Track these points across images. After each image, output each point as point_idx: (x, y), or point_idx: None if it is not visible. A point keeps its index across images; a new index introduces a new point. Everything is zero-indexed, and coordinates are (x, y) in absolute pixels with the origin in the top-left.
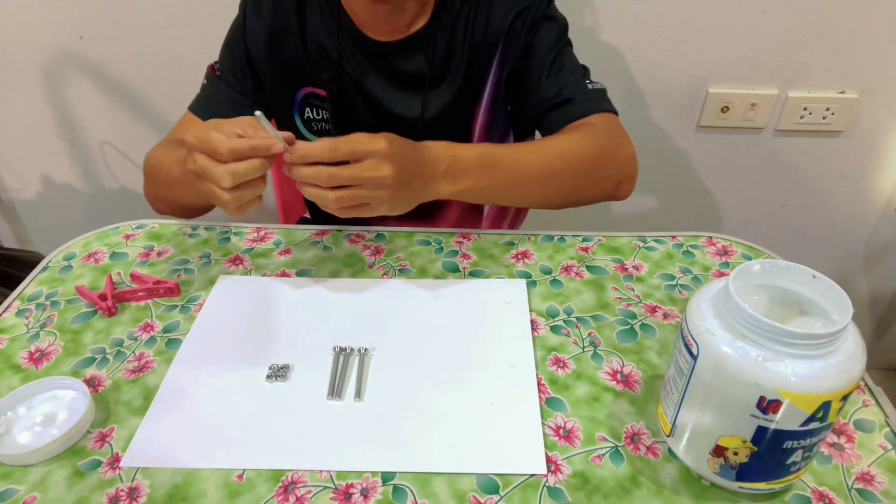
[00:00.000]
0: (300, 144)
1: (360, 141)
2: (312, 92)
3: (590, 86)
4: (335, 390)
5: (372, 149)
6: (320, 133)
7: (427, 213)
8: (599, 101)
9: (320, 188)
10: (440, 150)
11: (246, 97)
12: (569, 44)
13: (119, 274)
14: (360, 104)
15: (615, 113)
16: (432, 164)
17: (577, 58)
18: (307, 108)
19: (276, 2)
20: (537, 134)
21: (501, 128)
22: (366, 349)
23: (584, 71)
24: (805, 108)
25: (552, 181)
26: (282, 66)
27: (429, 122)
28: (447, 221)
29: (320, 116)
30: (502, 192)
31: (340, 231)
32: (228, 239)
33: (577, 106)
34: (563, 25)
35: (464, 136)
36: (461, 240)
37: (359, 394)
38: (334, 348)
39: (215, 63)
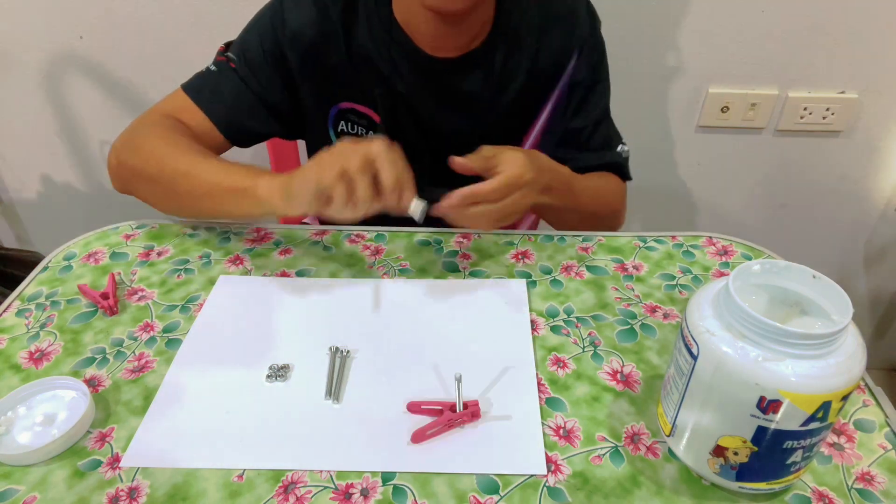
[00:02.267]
0: (466, 190)
1: (516, 176)
2: (352, 108)
3: (623, 155)
4: (332, 391)
5: (525, 181)
6: None
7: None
8: (626, 171)
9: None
10: (545, 162)
11: (262, 96)
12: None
13: (119, 274)
14: (409, 122)
15: (629, 179)
16: (542, 175)
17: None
18: (342, 122)
19: (321, 6)
20: None
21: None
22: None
23: (618, 137)
24: (805, 108)
25: (588, 214)
26: (321, 74)
27: (480, 141)
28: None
29: (354, 131)
30: (563, 213)
31: (340, 231)
32: (228, 239)
33: (613, 172)
34: (607, 86)
35: (516, 142)
36: (461, 240)
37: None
38: (330, 348)
39: (228, 50)
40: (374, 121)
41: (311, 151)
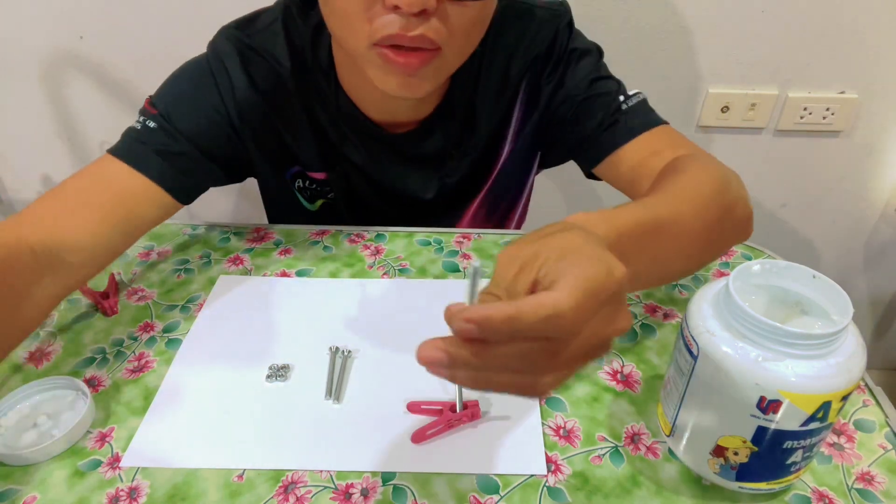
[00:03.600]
0: (490, 311)
1: (601, 277)
2: (309, 175)
3: (628, 102)
4: (332, 391)
5: (614, 282)
6: (314, 199)
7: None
8: (646, 114)
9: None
10: (604, 232)
11: (209, 154)
12: (604, 68)
13: (119, 274)
14: (367, 189)
15: (666, 122)
16: (625, 252)
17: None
18: (299, 180)
19: (268, 66)
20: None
21: (517, 173)
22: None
23: (619, 85)
24: (805, 108)
25: (708, 237)
26: (272, 138)
27: (446, 195)
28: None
29: (314, 187)
30: (664, 262)
31: (340, 231)
32: (228, 239)
33: (622, 126)
34: (595, 55)
35: (475, 193)
36: (461, 240)
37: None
38: (330, 348)
39: (156, 104)
40: (333, 187)
41: (269, 201)
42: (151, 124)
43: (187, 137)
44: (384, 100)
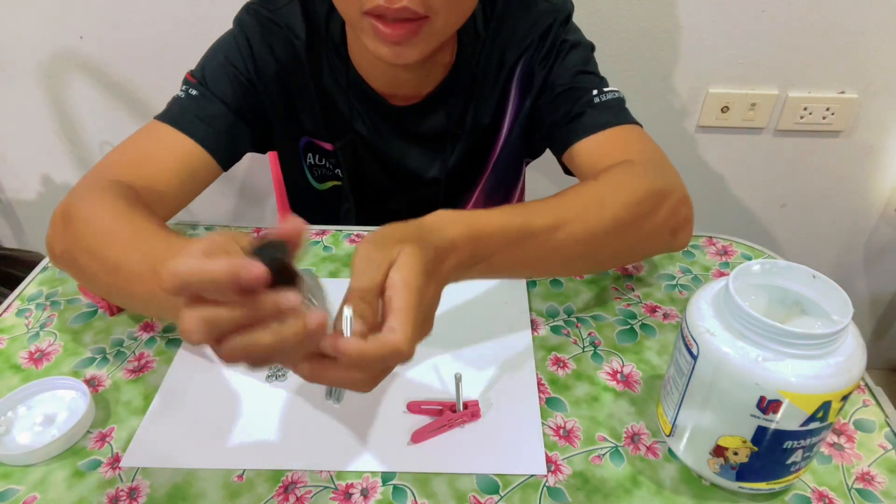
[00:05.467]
0: (343, 344)
1: (398, 347)
2: (318, 144)
3: (601, 97)
4: (332, 391)
5: (408, 348)
6: (323, 179)
7: None
8: (614, 112)
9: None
10: (456, 232)
11: (242, 117)
12: (593, 64)
13: None
14: (372, 164)
15: (637, 124)
16: (450, 256)
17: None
18: (309, 154)
19: (285, 38)
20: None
21: (514, 158)
22: None
23: (600, 81)
24: (805, 108)
25: (598, 244)
26: (288, 105)
27: (448, 178)
28: None
29: (323, 163)
30: (537, 265)
31: (340, 231)
32: None
33: (586, 119)
34: (587, 50)
35: (476, 177)
36: None
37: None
38: None
39: (194, 75)
40: (340, 159)
41: (285, 171)
42: (193, 92)
43: (220, 99)
44: (388, 72)
